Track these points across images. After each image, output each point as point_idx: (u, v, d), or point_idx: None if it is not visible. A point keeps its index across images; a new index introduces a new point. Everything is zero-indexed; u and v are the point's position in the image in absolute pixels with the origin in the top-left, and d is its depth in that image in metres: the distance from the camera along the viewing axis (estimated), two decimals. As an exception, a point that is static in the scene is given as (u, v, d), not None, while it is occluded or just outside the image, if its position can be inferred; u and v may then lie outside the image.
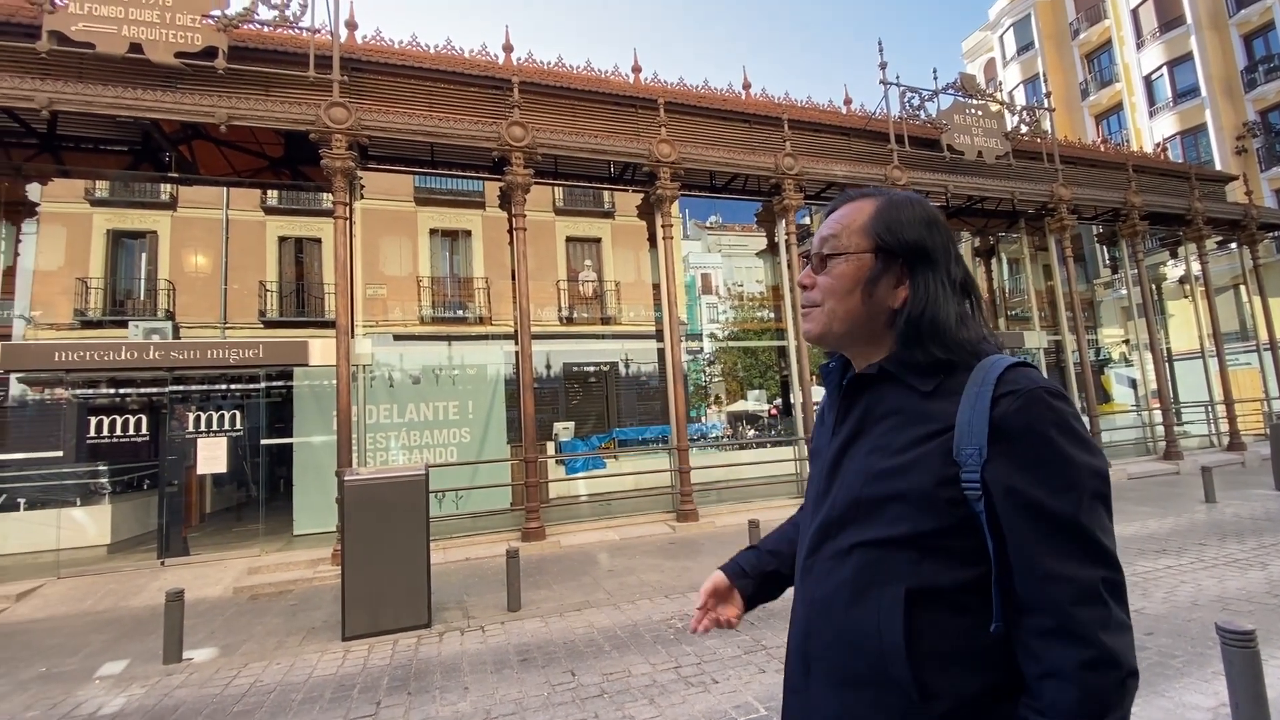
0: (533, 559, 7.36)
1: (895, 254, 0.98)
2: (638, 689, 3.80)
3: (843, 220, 1.02)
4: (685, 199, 11.77)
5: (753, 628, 4.74)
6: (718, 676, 3.92)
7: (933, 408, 0.93)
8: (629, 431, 11.00)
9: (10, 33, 7.24)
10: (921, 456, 0.91)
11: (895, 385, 0.98)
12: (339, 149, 7.89)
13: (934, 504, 0.89)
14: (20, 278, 9.28)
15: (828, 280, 1.01)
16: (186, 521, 9.35)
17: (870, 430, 0.99)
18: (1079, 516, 0.84)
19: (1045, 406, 0.87)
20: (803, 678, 1.00)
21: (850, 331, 1.01)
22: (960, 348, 0.95)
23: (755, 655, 4.21)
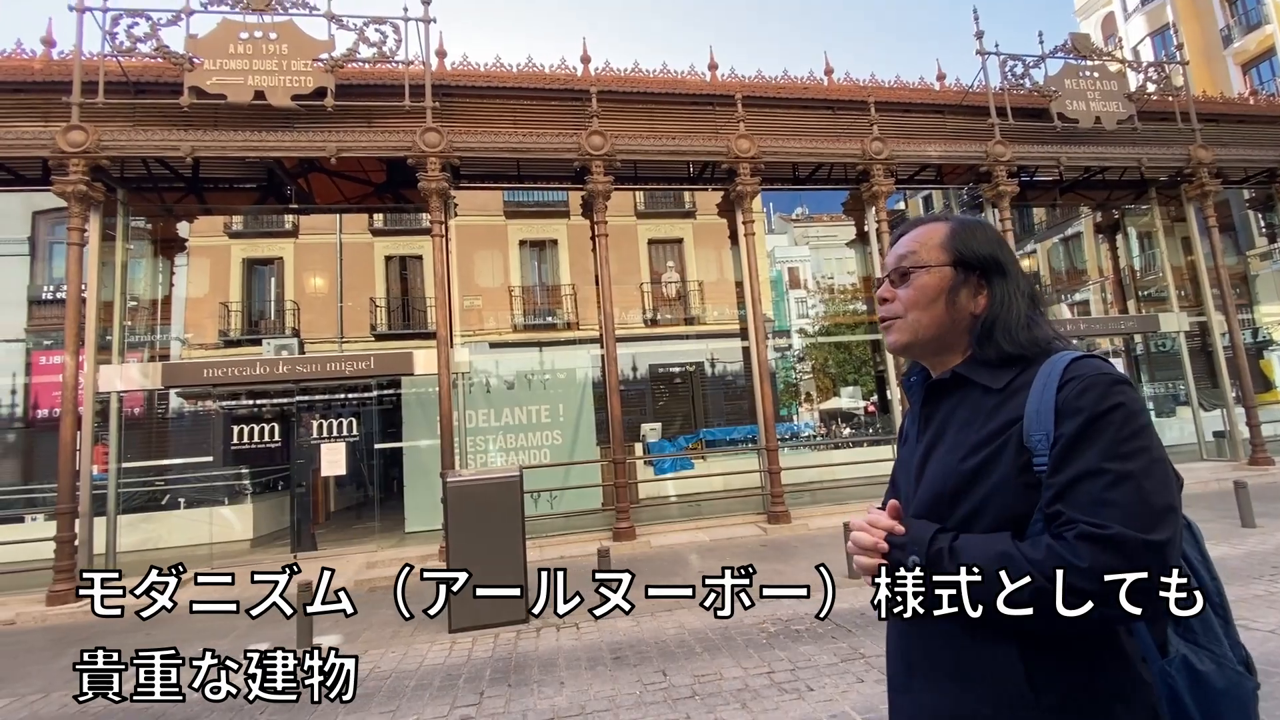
0: (624, 559, 7.47)
1: (973, 266, 1.09)
2: (729, 692, 3.77)
3: (919, 239, 1.12)
4: (768, 193, 11.56)
5: (850, 635, 4.57)
6: (813, 684, 3.81)
7: (1004, 403, 1.00)
8: (716, 432, 10.94)
9: (158, 91, 8.31)
10: (998, 448, 0.97)
11: (969, 389, 1.06)
12: (434, 172, 8.42)
13: (1014, 491, 0.94)
14: (175, 305, 10.60)
15: (910, 293, 1.10)
16: (314, 519, 10.30)
17: (948, 433, 1.06)
18: (1137, 475, 0.86)
19: (1104, 390, 0.91)
20: (906, 677, 1.05)
21: (935, 338, 1.09)
22: (1033, 344, 1.03)
23: (853, 663, 4.06)
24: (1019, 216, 14.05)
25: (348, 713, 3.85)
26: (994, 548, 0.91)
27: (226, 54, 8.15)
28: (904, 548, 0.98)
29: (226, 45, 8.18)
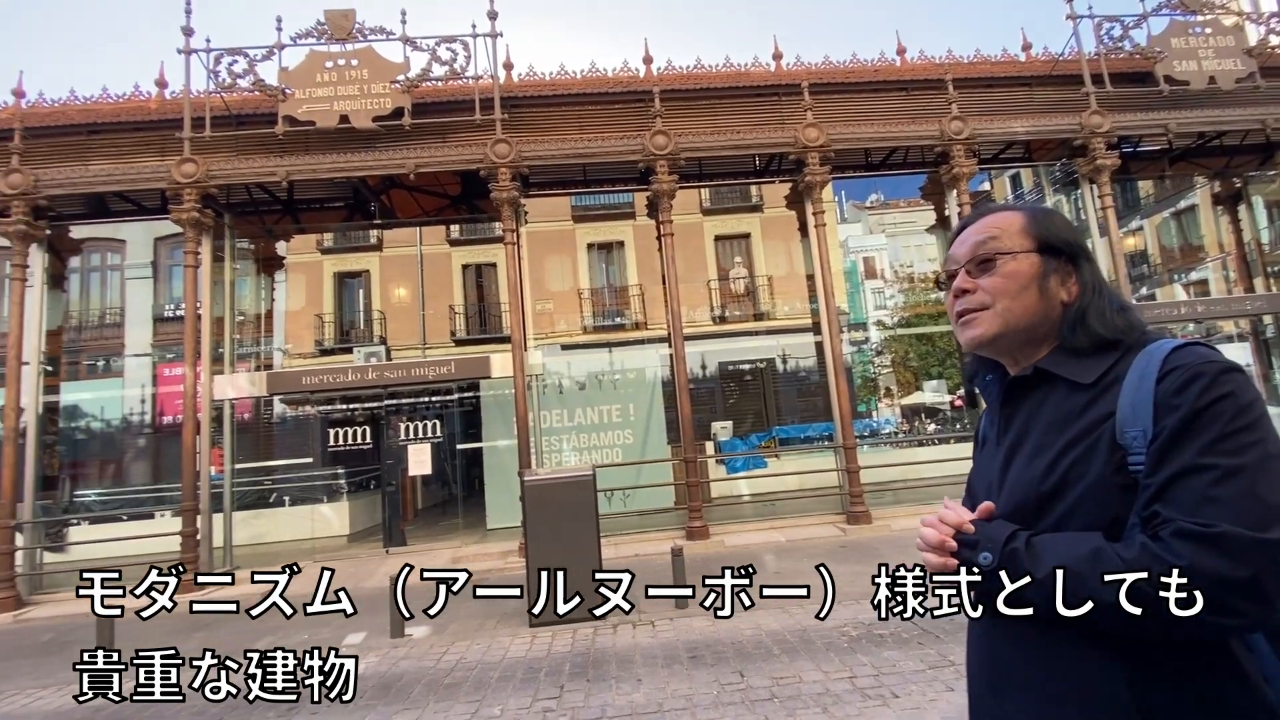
0: (697, 558, 7.45)
1: (1059, 252, 1.03)
2: (809, 696, 3.68)
3: (996, 226, 1.06)
4: (839, 181, 11.19)
5: (939, 641, 4.36)
6: (898, 690, 3.65)
7: (1095, 399, 0.93)
8: (790, 429, 10.69)
9: (256, 122, 9.03)
10: (1088, 448, 0.90)
11: (1054, 387, 0.99)
12: (504, 181, 8.70)
13: (1107, 493, 0.87)
14: (276, 318, 11.49)
15: (997, 281, 1.02)
16: (403, 516, 10.89)
17: (1031, 434, 0.99)
18: (1250, 469, 0.79)
19: (1211, 379, 0.83)
20: (990, 694, 1.00)
21: (1027, 328, 1.02)
22: (1129, 328, 0.97)
23: (942, 671, 3.86)
24: (1120, 191, 12.90)
25: (438, 699, 4.05)
26: (1081, 546, 0.84)
27: (314, 83, 8.75)
28: (975, 545, 0.92)
29: (314, 75, 8.79)
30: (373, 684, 4.46)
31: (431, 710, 3.91)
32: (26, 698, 4.84)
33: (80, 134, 9.18)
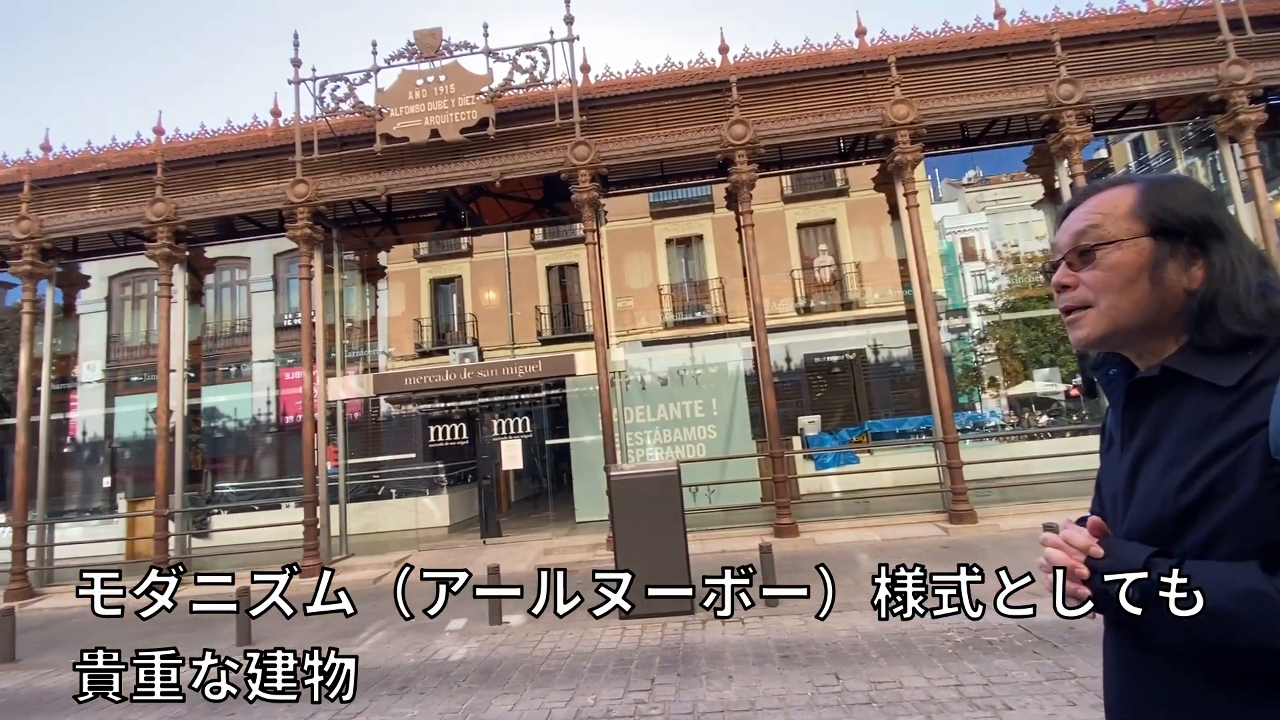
0: (787, 555, 7.27)
1: (1179, 233, 0.88)
2: (911, 703, 3.50)
3: (1101, 209, 0.93)
4: (932, 159, 10.54)
5: (1057, 651, 4.02)
6: (1011, 702, 3.40)
7: (1239, 404, 0.80)
8: (884, 423, 10.20)
9: (357, 142, 9.69)
10: (1237, 462, 0.78)
11: (1189, 387, 0.86)
12: (584, 183, 8.86)
13: (1265, 513, 0.75)
14: (380, 324, 12.32)
15: (1099, 274, 0.91)
16: (498, 509, 11.38)
17: (1163, 443, 0.87)
18: None
19: None
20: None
21: (1140, 326, 0.90)
22: (1273, 319, 0.82)
23: (1061, 684, 3.56)
24: (1269, 150, 11.31)
25: (534, 686, 4.20)
26: (1236, 582, 0.73)
27: (407, 100, 9.28)
28: (1110, 572, 0.83)
29: (406, 93, 9.32)
30: (474, 668, 4.69)
31: (529, 696, 4.06)
32: (182, 668, 5.47)
33: (210, 164, 10.24)
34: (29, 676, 5.62)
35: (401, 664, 4.97)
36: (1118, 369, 0.97)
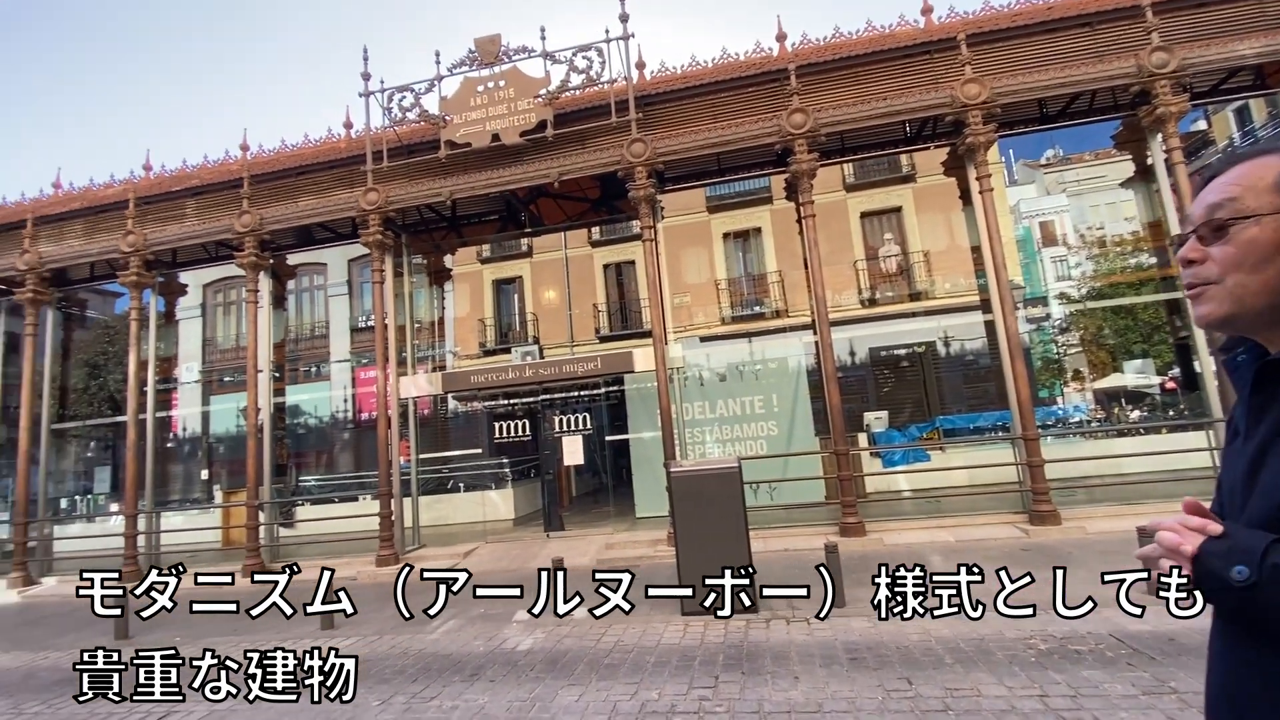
0: (854, 555, 7.07)
1: None
2: (991, 712, 3.33)
3: (1241, 181, 0.87)
4: (1006, 139, 9.98)
5: (1154, 663, 3.74)
6: (1103, 717, 3.18)
7: None
8: (956, 419, 9.75)
9: (423, 150, 10.06)
10: None
11: None
12: (641, 180, 8.88)
13: None
14: (446, 324, 12.77)
15: (1230, 250, 0.85)
16: (560, 503, 11.59)
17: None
18: None
19: None
20: None
21: (1269, 307, 0.84)
22: None
23: (1160, 699, 3.30)
24: None
25: (599, 678, 4.25)
26: None
27: (468, 107, 9.57)
28: (1226, 555, 0.77)
29: (468, 100, 9.60)
30: (540, 658, 4.80)
31: (594, 688, 4.12)
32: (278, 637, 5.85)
33: (290, 176, 10.88)
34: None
35: (472, 652, 5.14)
36: (1247, 353, 0.90)
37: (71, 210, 11.70)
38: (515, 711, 3.86)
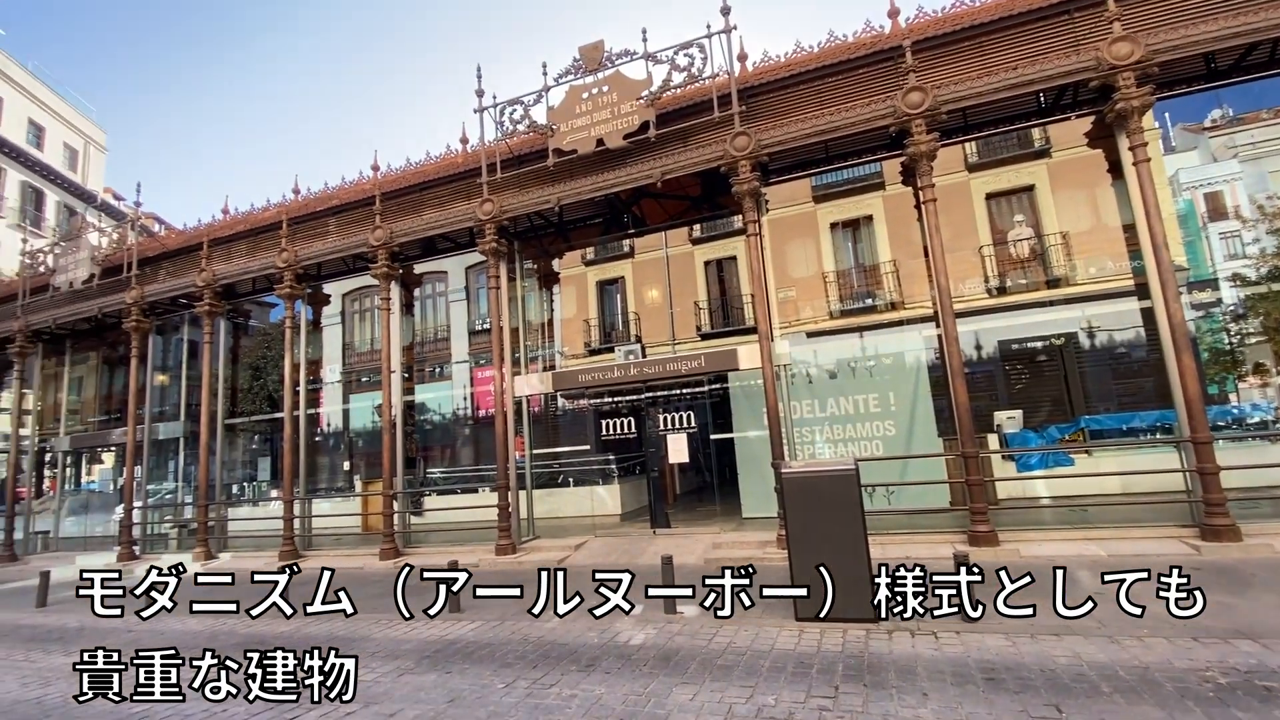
0: (986, 567, 6.52)
1: None
2: (1164, 753, 2.94)
3: None
4: (1162, 102, 8.81)
5: (1383, 713, 3.13)
6: (1315, 771, 2.71)
7: None
8: (1105, 419, 8.72)
9: (532, 159, 10.49)
10: None
11: None
12: (744, 174, 8.73)
13: None
14: (554, 325, 13.25)
15: None
16: (666, 500, 11.66)
17: None
18: None
19: None
20: None
21: None
22: None
23: (1395, 757, 2.75)
24: None
25: (713, 679, 4.23)
26: None
27: (574, 114, 9.86)
28: None
29: (574, 107, 9.90)
30: (653, 654, 4.86)
31: (708, 688, 4.10)
32: (406, 626, 6.37)
33: (414, 192, 11.77)
34: (300, 623, 6.91)
35: (586, 643, 5.30)
36: None
37: (237, 233, 13.38)
38: (631, 705, 3.93)
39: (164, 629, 7.23)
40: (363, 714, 4.17)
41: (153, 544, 13.80)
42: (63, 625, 7.92)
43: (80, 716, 4.59)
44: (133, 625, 7.59)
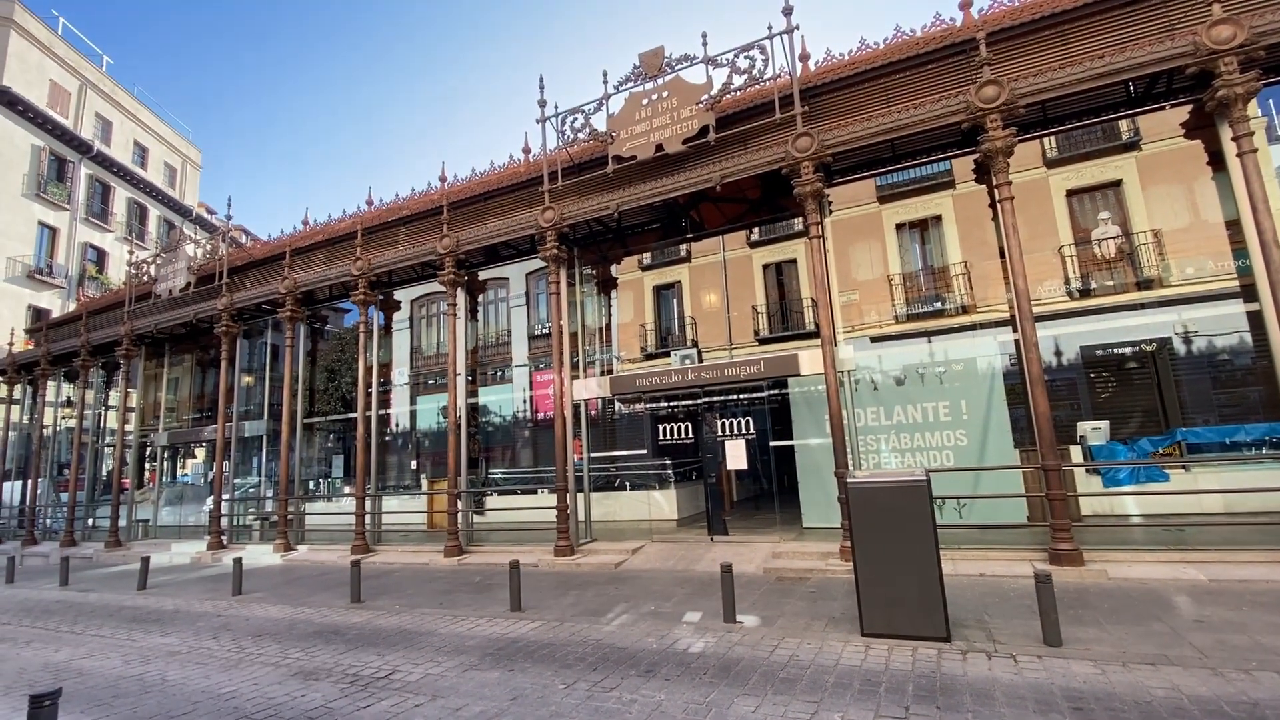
0: (1069, 587, 6.13)
1: None
2: (1284, 802, 2.67)
3: None
4: (1268, 89, 8.08)
5: None
6: None
7: None
8: (1205, 432, 8.03)
9: (592, 167, 10.64)
10: None
11: None
12: (807, 175, 8.55)
13: None
14: (612, 330, 13.36)
15: None
16: (723, 507, 11.53)
17: None
18: None
19: None
20: None
21: None
22: None
23: None
24: None
25: (775, 692, 4.14)
26: None
27: (634, 121, 9.94)
28: None
29: (634, 114, 9.98)
30: (713, 663, 4.80)
31: (770, 700, 4.01)
32: (470, 623, 6.54)
33: (479, 201, 12.14)
34: (371, 615, 7.22)
35: (645, 648, 5.29)
36: None
37: (315, 242, 14.17)
38: (691, 714, 3.89)
39: (249, 615, 7.70)
40: (430, 706, 4.31)
41: (238, 535, 14.74)
42: (160, 607, 8.57)
43: (176, 693, 4.94)
44: (222, 610, 8.13)
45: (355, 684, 4.88)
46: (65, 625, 7.81)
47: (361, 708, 4.37)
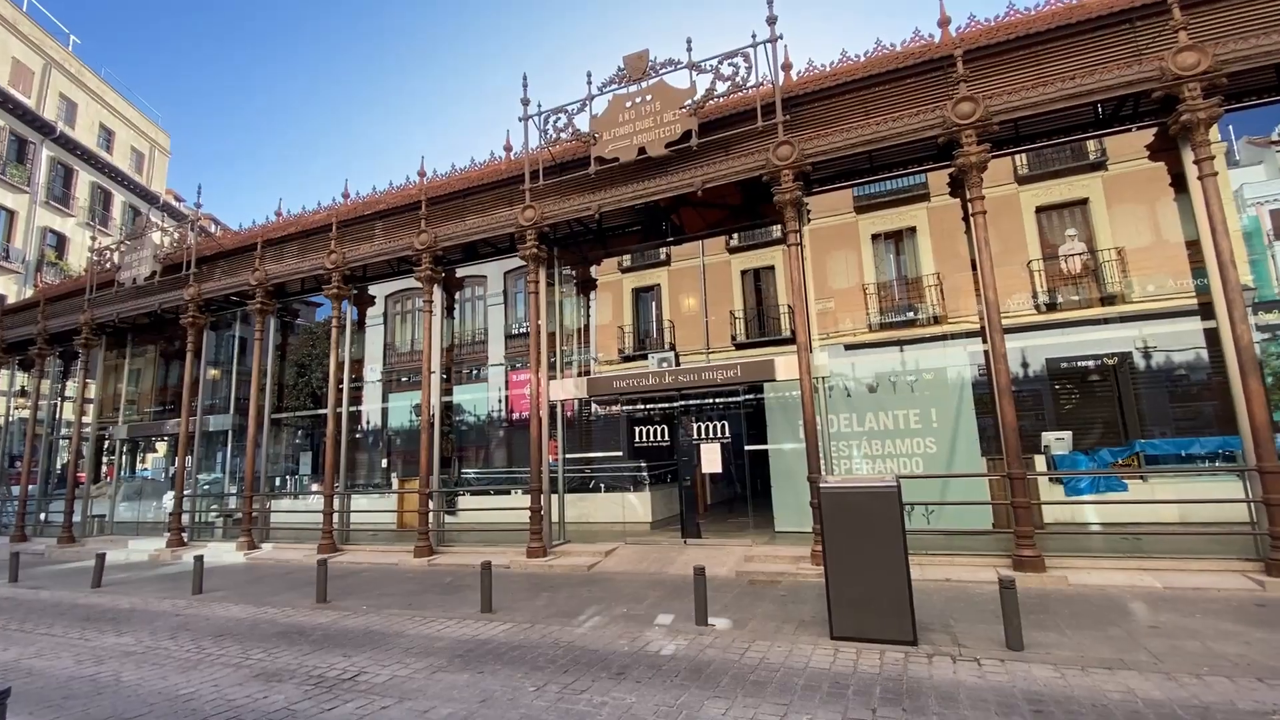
0: (1031, 593, 6.29)
1: None
2: (1230, 801, 2.77)
3: None
4: (1228, 115, 8.42)
5: None
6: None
7: None
8: (1161, 444, 8.32)
9: (573, 167, 10.62)
10: None
11: None
12: (787, 183, 8.65)
13: None
14: (590, 331, 13.33)
15: None
16: (696, 510, 11.57)
17: None
18: None
19: None
20: None
21: None
22: None
23: None
24: None
25: (745, 694, 4.16)
26: None
27: (617, 123, 9.94)
28: None
29: (617, 116, 9.98)
30: (684, 666, 4.81)
31: (740, 703, 4.03)
32: (440, 624, 6.45)
33: (458, 198, 12.01)
34: (337, 615, 7.08)
35: (616, 650, 5.28)
36: None
37: (288, 234, 13.87)
38: (662, 716, 3.89)
39: (209, 614, 7.49)
40: (397, 709, 4.24)
41: (200, 532, 14.33)
42: (115, 605, 8.28)
43: (130, 695, 4.78)
44: (181, 609, 7.89)
45: (320, 685, 4.78)
46: (14, 623, 7.50)
47: (326, 710, 4.28)
